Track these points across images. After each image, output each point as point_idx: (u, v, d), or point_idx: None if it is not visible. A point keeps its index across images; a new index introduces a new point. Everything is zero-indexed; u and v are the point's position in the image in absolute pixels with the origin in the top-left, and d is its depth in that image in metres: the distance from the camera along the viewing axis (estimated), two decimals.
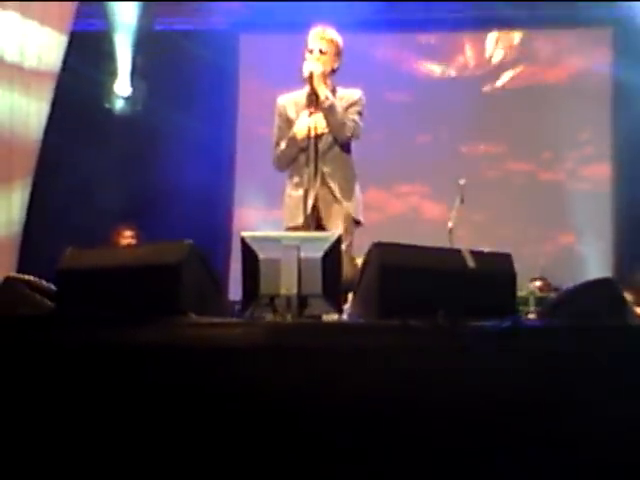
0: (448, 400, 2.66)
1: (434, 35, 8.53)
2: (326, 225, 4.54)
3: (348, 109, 4.60)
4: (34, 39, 6.91)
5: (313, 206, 4.47)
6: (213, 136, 8.39)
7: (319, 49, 4.59)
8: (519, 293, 4.16)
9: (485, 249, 3.28)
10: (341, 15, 6.46)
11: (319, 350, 2.75)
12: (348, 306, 3.46)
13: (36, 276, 3.51)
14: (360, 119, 4.62)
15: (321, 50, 4.59)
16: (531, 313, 6.12)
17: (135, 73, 8.41)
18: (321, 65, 4.55)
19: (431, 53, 8.57)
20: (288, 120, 4.65)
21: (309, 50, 4.61)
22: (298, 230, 4.39)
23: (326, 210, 4.56)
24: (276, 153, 4.69)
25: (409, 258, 3.08)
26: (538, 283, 6.84)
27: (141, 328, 2.85)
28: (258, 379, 2.72)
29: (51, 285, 3.30)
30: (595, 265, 7.66)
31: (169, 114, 8.01)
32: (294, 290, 3.05)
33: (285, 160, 4.65)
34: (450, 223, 6.14)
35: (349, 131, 4.57)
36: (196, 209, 7.98)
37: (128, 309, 2.93)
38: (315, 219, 4.51)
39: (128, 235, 7.14)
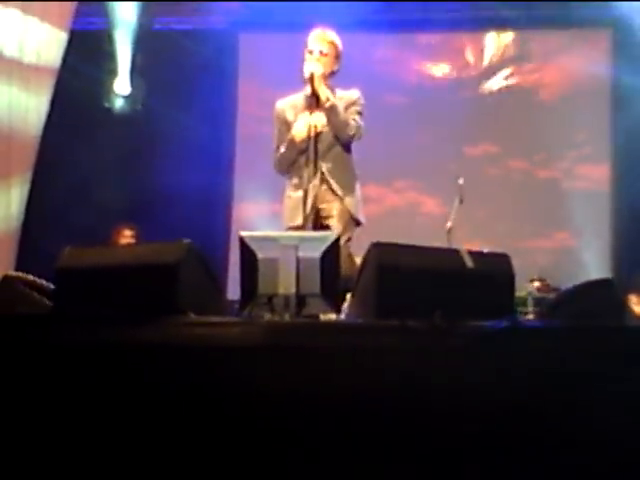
0: (446, 401, 2.66)
1: (433, 35, 8.53)
2: (326, 224, 4.55)
3: (347, 109, 4.62)
4: (34, 35, 6.91)
5: (313, 206, 4.48)
6: (212, 135, 8.39)
7: (319, 50, 4.60)
8: (517, 294, 4.15)
9: (483, 248, 3.28)
10: (340, 15, 6.48)
11: (317, 350, 2.75)
12: (346, 306, 3.46)
13: (35, 273, 3.51)
14: (361, 119, 4.64)
15: (321, 52, 4.60)
16: (529, 314, 6.12)
17: (134, 72, 8.40)
18: (321, 66, 4.56)
19: (430, 53, 8.57)
20: (287, 123, 4.66)
21: (309, 51, 4.62)
22: (298, 230, 4.39)
23: (326, 208, 4.57)
24: (276, 157, 4.70)
25: (407, 258, 3.08)
26: (537, 284, 6.83)
27: (139, 327, 2.85)
28: (256, 378, 2.72)
29: (50, 284, 3.31)
30: (594, 265, 7.66)
31: (168, 113, 8.01)
32: (292, 290, 3.05)
33: (285, 163, 4.66)
34: (449, 223, 6.13)
35: (351, 130, 4.59)
36: (195, 208, 7.98)
37: (126, 308, 2.93)
38: (315, 219, 4.52)
39: (128, 234, 7.14)
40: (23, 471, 2.74)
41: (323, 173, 4.54)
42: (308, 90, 4.59)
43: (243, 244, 3.14)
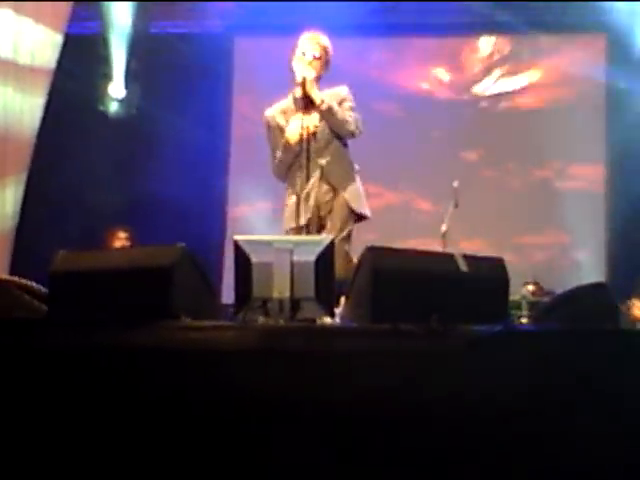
0: (441, 404, 2.66)
1: (428, 39, 8.54)
2: (325, 221, 4.57)
3: (340, 106, 4.62)
4: (28, 36, 6.91)
5: (314, 204, 4.50)
6: (207, 138, 8.37)
7: (313, 55, 4.61)
8: (512, 297, 4.15)
9: (478, 248, 3.29)
10: (335, 19, 6.48)
11: (311, 354, 2.75)
12: (341, 309, 3.46)
13: (29, 275, 3.51)
14: (355, 112, 4.65)
15: (314, 56, 4.61)
16: (523, 317, 6.12)
17: (129, 76, 8.40)
18: (313, 70, 4.57)
19: (425, 57, 8.58)
20: (279, 128, 4.66)
21: (302, 52, 4.62)
22: (298, 232, 4.40)
23: (325, 205, 4.58)
24: (274, 163, 4.70)
25: (402, 262, 3.08)
26: (531, 287, 6.83)
27: (134, 331, 2.84)
28: (250, 382, 2.71)
29: (44, 288, 3.30)
30: (588, 269, 7.68)
31: (163, 116, 8.00)
32: (287, 293, 3.05)
33: (283, 167, 4.66)
34: (444, 226, 6.12)
35: (351, 126, 4.61)
36: (189, 211, 7.98)
37: (121, 312, 2.93)
38: (316, 219, 4.52)
39: (122, 237, 7.13)
40: (19, 474, 2.74)
41: (322, 167, 4.55)
42: (298, 92, 4.59)
43: (237, 248, 3.14)
